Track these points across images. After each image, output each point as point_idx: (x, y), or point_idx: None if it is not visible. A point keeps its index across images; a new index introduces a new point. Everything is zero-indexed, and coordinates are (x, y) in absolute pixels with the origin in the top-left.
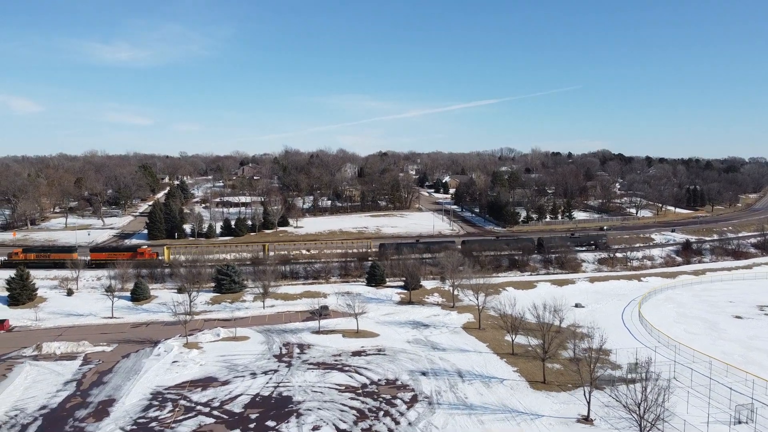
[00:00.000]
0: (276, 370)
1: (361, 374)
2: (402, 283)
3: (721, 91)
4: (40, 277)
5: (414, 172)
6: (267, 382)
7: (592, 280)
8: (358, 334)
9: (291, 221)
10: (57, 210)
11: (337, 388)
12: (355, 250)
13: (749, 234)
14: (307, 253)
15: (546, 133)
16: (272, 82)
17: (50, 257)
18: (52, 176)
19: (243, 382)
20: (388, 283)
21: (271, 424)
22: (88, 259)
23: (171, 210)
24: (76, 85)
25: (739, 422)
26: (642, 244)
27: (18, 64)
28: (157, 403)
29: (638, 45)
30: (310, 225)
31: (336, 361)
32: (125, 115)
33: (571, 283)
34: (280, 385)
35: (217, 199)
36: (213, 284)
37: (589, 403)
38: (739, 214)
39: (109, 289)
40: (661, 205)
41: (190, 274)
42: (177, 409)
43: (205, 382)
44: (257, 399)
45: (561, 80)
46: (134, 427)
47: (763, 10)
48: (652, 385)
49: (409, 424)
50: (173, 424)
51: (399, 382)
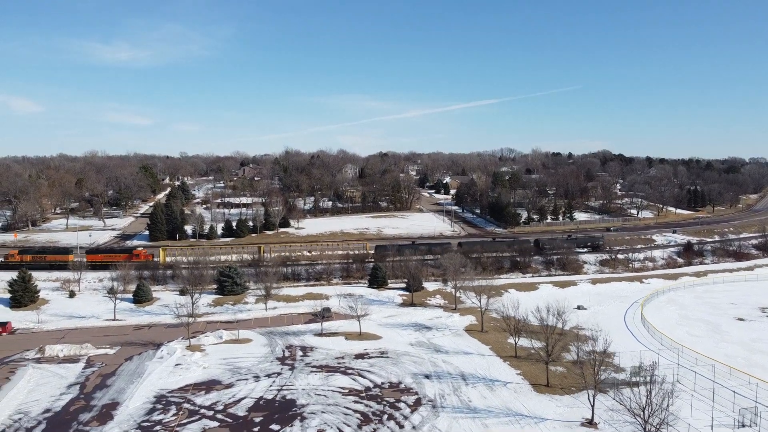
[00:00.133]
0: (279, 373)
1: (364, 377)
2: (404, 285)
3: (721, 91)
4: (42, 279)
5: (414, 173)
6: (270, 385)
7: (594, 282)
8: (360, 336)
9: (292, 222)
10: (58, 211)
11: (340, 392)
12: (350, 252)
13: (750, 235)
14: (308, 254)
15: (546, 134)
16: (272, 82)
17: (46, 259)
18: (52, 177)
19: (246, 385)
20: (390, 285)
21: (275, 427)
22: (84, 260)
23: (172, 211)
24: (76, 85)
25: (743, 426)
26: (643, 246)
27: (18, 64)
28: (160, 407)
29: (638, 45)
30: (311, 226)
31: (339, 363)
32: (125, 115)
33: (573, 285)
34: (284, 388)
35: (218, 200)
36: (215, 286)
37: (593, 406)
38: (739, 214)
39: (111, 291)
40: (661, 206)
41: (191, 276)
42: (181, 413)
43: (209, 385)
44: (261, 402)
45: (561, 80)
46: (138, 431)
47: (763, 10)
48: (657, 389)
49: (413, 427)
50: (177, 428)
51: (402, 386)
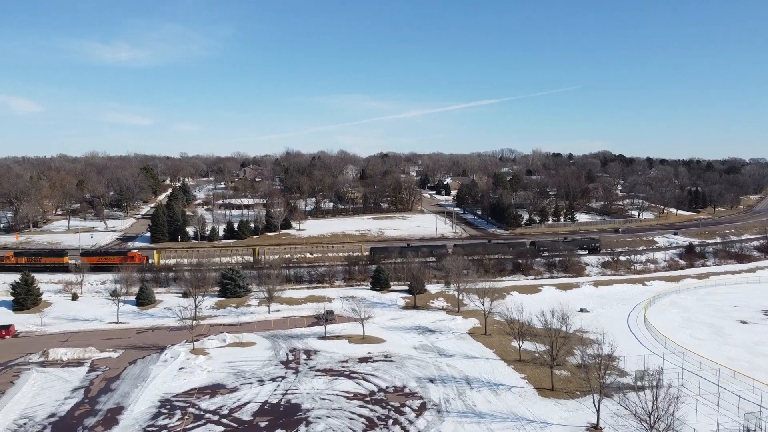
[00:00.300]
0: (283, 377)
1: (368, 381)
2: (406, 288)
3: (721, 92)
4: (44, 281)
5: (415, 173)
6: (275, 389)
7: (597, 284)
8: (364, 339)
9: (293, 224)
10: (59, 212)
11: (345, 396)
12: (345, 254)
13: (752, 237)
14: (310, 256)
15: (546, 134)
16: (272, 82)
17: (41, 261)
18: (53, 178)
19: (251, 389)
20: (393, 288)
21: None
22: (79, 263)
23: (174, 213)
24: (76, 85)
25: (748, 430)
26: (645, 247)
27: (18, 64)
28: (165, 411)
29: (638, 45)
30: (313, 227)
31: (343, 367)
32: (125, 115)
33: (576, 287)
34: (288, 392)
35: (219, 201)
36: (217, 288)
37: (598, 411)
38: (740, 216)
39: (114, 294)
40: (663, 207)
41: (194, 279)
42: (186, 417)
43: (213, 389)
44: (266, 407)
45: (561, 80)
46: None
47: (763, 10)
48: (663, 394)
49: None
50: None
51: (407, 390)
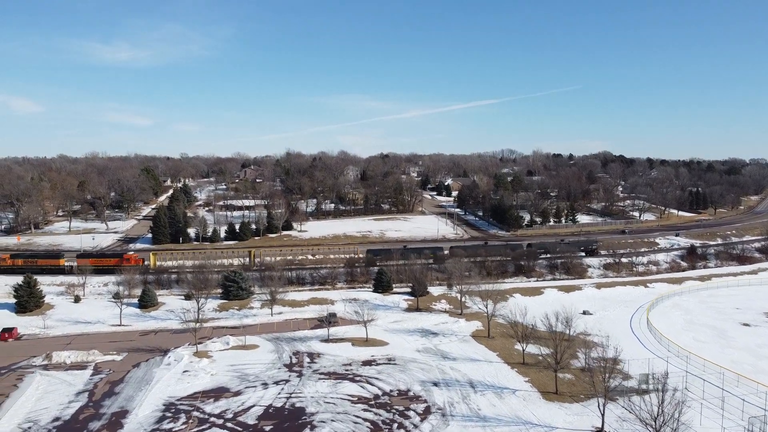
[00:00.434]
0: (287, 380)
1: (372, 385)
2: (408, 290)
3: (721, 92)
4: (47, 284)
5: (415, 174)
6: (279, 393)
7: (599, 286)
8: (367, 342)
9: (295, 225)
10: (60, 213)
11: (349, 399)
12: (341, 256)
13: (753, 238)
14: (308, 258)
15: (546, 134)
16: (272, 82)
17: (37, 263)
18: (54, 179)
19: (255, 393)
20: (395, 290)
21: None
22: (75, 265)
23: (175, 214)
24: (76, 86)
25: None
26: (646, 249)
27: (18, 64)
28: (170, 415)
29: (638, 45)
30: (314, 229)
31: (347, 370)
32: (125, 115)
33: (578, 290)
34: (293, 395)
35: (221, 203)
36: (220, 291)
37: (603, 415)
38: (741, 217)
39: (117, 296)
40: (664, 208)
41: (196, 281)
42: (191, 421)
43: (217, 393)
44: (270, 410)
45: (560, 80)
46: None
47: (763, 10)
48: (669, 399)
49: None
50: None
51: (411, 393)
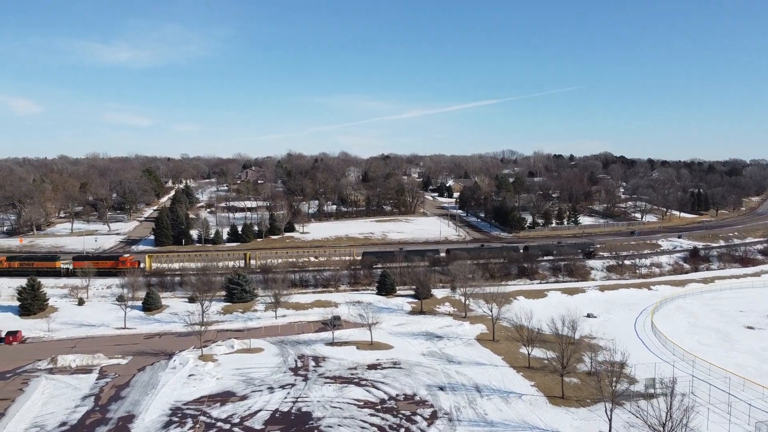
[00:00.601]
0: (293, 384)
1: (378, 389)
2: (412, 292)
3: (721, 92)
4: (50, 286)
5: (417, 175)
6: (285, 397)
7: (602, 289)
8: (372, 345)
9: (297, 227)
10: (62, 215)
11: (356, 404)
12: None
13: (756, 240)
14: (315, 260)
15: (546, 134)
16: (272, 83)
17: (33, 265)
18: (56, 181)
19: (261, 397)
20: (399, 292)
21: None
22: (71, 267)
23: (178, 216)
24: (76, 86)
25: None
26: (649, 251)
27: (18, 65)
28: (177, 420)
29: (637, 45)
30: (316, 231)
31: (352, 374)
32: (125, 115)
33: (582, 292)
34: (299, 400)
35: (223, 204)
36: (223, 293)
37: (610, 420)
38: (743, 218)
39: (121, 299)
40: (666, 210)
41: (200, 283)
42: (198, 426)
43: (224, 397)
44: (277, 415)
45: (560, 81)
46: None
47: (762, 10)
48: (678, 404)
49: None
50: None
51: (417, 398)
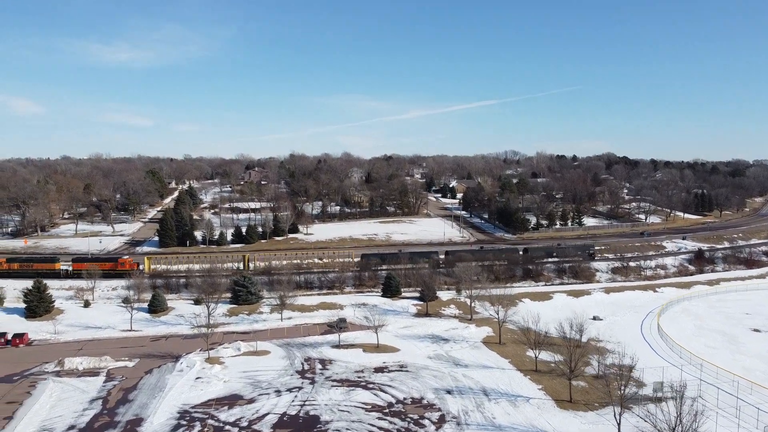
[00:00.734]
0: (300, 387)
1: (385, 392)
2: (417, 295)
3: (722, 92)
4: (56, 288)
5: (419, 176)
6: (293, 401)
7: (608, 291)
8: (378, 348)
9: (301, 228)
10: (66, 216)
11: (363, 407)
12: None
13: (760, 241)
14: (320, 261)
15: (547, 134)
16: (272, 83)
17: (33, 267)
18: (60, 182)
19: (269, 400)
20: (404, 294)
21: None
22: (71, 269)
23: (182, 217)
24: (78, 86)
25: None
26: (654, 253)
27: (18, 65)
28: (185, 423)
29: (637, 45)
30: (320, 232)
31: (359, 377)
32: (125, 115)
33: (587, 294)
34: (306, 403)
35: (226, 205)
36: (229, 295)
37: (619, 425)
38: (747, 219)
39: (126, 301)
40: (669, 211)
41: (205, 285)
42: (206, 429)
43: (231, 400)
44: (285, 418)
45: (561, 81)
46: None
47: (765, 9)
48: (687, 408)
49: None
50: None
51: (425, 401)
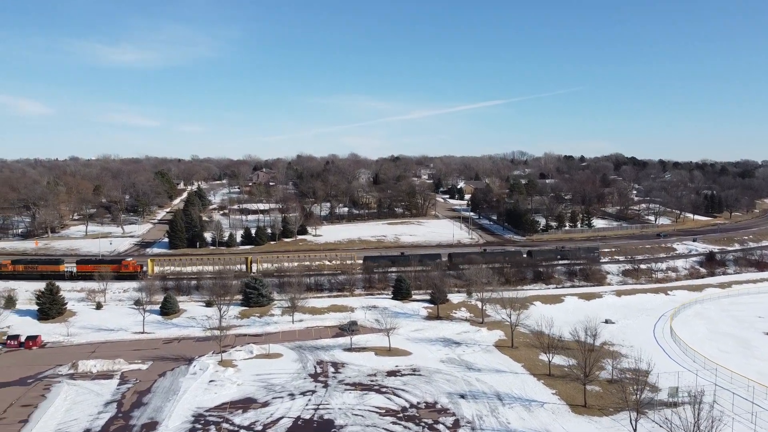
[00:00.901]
0: (313, 391)
1: (399, 396)
2: (428, 297)
3: (731, 92)
4: (67, 290)
5: (426, 177)
6: (306, 404)
7: (619, 294)
8: (390, 352)
9: (309, 230)
10: (76, 217)
11: (377, 412)
12: (338, 262)
13: None
14: (330, 264)
15: (554, 134)
16: (276, 83)
17: (38, 269)
18: (70, 183)
19: (282, 404)
20: (414, 297)
21: None
22: (75, 271)
23: (191, 218)
24: (83, 87)
25: None
26: (665, 255)
27: (25, 67)
28: (200, 427)
29: (643, 45)
30: (329, 233)
31: (372, 381)
32: (130, 116)
33: (599, 297)
34: (320, 407)
35: (235, 206)
36: (240, 297)
37: (635, 430)
38: (757, 221)
39: (138, 303)
40: (679, 212)
41: (216, 287)
42: None
43: (245, 404)
44: (299, 422)
45: (567, 81)
46: None
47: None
48: (705, 414)
49: None
50: None
51: (438, 406)
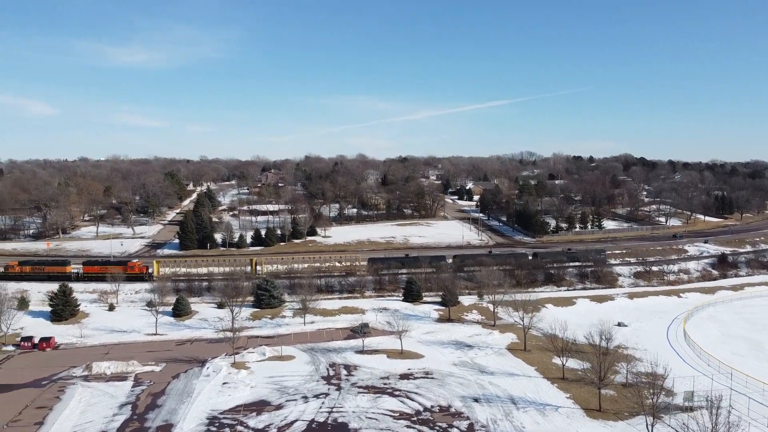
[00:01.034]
0: (327, 394)
1: (412, 399)
2: (439, 299)
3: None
4: (80, 291)
5: (435, 177)
6: (320, 407)
7: (631, 296)
8: (402, 354)
9: (319, 231)
10: (86, 218)
11: (391, 415)
12: (341, 264)
13: None
14: (340, 265)
15: (561, 134)
16: (281, 83)
17: (45, 270)
18: (80, 184)
19: (296, 407)
20: (425, 299)
21: None
22: (81, 272)
23: (201, 219)
24: (91, 88)
25: None
26: (676, 257)
27: (33, 68)
28: (215, 429)
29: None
30: (338, 235)
31: (385, 384)
32: (137, 117)
33: (611, 300)
34: (334, 410)
35: (245, 207)
36: (251, 299)
37: None
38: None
39: (150, 304)
40: (690, 214)
41: (228, 289)
42: None
43: (259, 406)
44: (313, 425)
45: (573, 81)
46: None
47: None
48: (723, 420)
49: None
50: None
51: (452, 409)
